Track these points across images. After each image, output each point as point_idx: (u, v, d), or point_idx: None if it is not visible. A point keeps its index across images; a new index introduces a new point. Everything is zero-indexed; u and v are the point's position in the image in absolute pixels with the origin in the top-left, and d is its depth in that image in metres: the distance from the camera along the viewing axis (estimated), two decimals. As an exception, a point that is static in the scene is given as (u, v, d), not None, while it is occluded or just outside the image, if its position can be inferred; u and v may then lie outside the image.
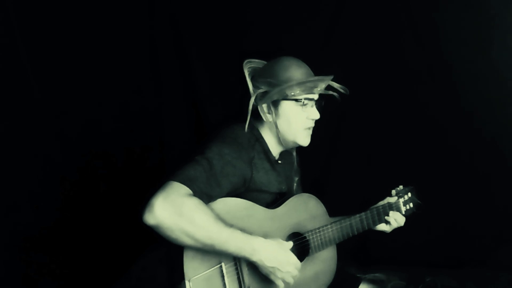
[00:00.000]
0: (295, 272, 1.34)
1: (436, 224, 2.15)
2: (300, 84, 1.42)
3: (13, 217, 1.87)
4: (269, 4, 2.11)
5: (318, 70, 1.56)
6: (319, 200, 1.58)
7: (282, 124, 1.46)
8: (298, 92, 1.42)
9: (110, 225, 2.09)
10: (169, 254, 1.28)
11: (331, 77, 1.48)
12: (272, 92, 1.41)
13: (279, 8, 2.11)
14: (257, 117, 1.51)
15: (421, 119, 2.12)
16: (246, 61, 1.50)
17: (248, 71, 1.49)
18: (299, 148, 1.58)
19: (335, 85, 1.51)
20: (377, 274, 1.96)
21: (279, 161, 1.55)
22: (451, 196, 2.11)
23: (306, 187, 1.63)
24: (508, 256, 2.05)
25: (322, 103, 1.51)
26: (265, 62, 1.53)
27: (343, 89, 1.51)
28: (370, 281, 1.82)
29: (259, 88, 1.44)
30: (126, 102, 2.13)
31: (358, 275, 1.81)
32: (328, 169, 2.27)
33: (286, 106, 1.45)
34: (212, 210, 1.23)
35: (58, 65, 1.97)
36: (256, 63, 1.53)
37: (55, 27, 1.94)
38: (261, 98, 1.44)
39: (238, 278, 1.31)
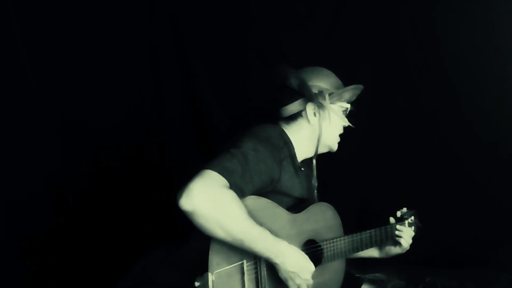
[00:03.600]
0: (311, 281, 1.34)
1: (436, 224, 2.14)
2: (354, 89, 1.54)
3: (12, 217, 1.87)
4: (269, 4, 2.11)
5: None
6: (336, 212, 1.61)
7: (325, 126, 1.52)
8: (350, 96, 1.55)
9: (110, 225, 2.10)
10: (195, 245, 1.27)
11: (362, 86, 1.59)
12: (333, 94, 1.50)
13: (279, 8, 2.10)
14: (288, 121, 1.54)
15: (421, 121, 2.12)
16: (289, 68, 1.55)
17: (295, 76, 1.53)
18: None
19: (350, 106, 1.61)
20: (377, 274, 1.96)
21: (302, 169, 1.57)
22: (451, 196, 2.11)
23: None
24: (508, 256, 2.05)
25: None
26: None
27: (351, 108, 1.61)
28: (370, 281, 1.83)
29: (312, 92, 1.48)
30: (126, 102, 2.13)
31: (358, 275, 1.81)
32: (328, 171, 2.26)
33: (333, 110, 1.52)
34: (245, 205, 1.23)
35: (58, 65, 1.96)
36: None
37: (55, 26, 1.94)
38: (315, 100, 1.48)
39: (256, 278, 1.31)
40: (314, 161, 1.58)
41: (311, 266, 1.33)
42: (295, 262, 1.29)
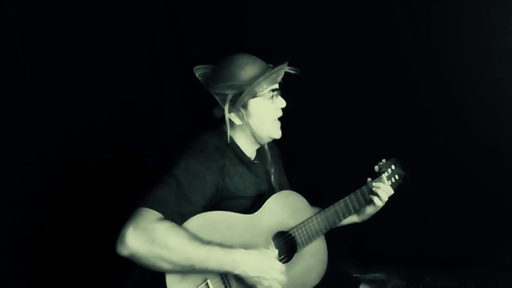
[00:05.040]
0: (281, 278, 1.31)
1: (436, 224, 2.15)
2: (266, 78, 1.39)
3: (10, 217, 1.86)
4: (270, 5, 2.10)
5: (317, 70, 1.56)
6: (298, 194, 1.55)
7: (254, 122, 1.43)
8: (265, 86, 1.39)
9: (110, 225, 2.09)
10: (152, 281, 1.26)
11: (287, 62, 1.45)
12: (243, 95, 1.37)
13: (279, 9, 2.10)
14: (225, 122, 1.46)
15: (421, 121, 2.12)
16: (195, 68, 1.48)
17: (200, 78, 1.47)
18: (287, 143, 1.57)
19: (287, 69, 1.47)
20: (377, 274, 1.97)
21: (255, 161, 1.53)
22: (451, 196, 2.11)
23: (306, 188, 1.63)
24: (508, 256, 2.05)
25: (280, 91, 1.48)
26: (211, 66, 1.50)
27: (295, 71, 1.47)
28: (370, 281, 1.83)
29: (224, 95, 1.39)
30: (126, 102, 2.12)
31: (357, 276, 1.81)
32: (327, 169, 2.26)
33: (255, 104, 1.42)
34: (186, 230, 1.21)
35: (57, 64, 1.95)
36: (205, 68, 1.51)
37: (54, 25, 1.93)
38: (231, 103, 1.39)
39: None
40: (265, 147, 1.53)
41: (275, 264, 1.29)
42: (256, 266, 1.25)
